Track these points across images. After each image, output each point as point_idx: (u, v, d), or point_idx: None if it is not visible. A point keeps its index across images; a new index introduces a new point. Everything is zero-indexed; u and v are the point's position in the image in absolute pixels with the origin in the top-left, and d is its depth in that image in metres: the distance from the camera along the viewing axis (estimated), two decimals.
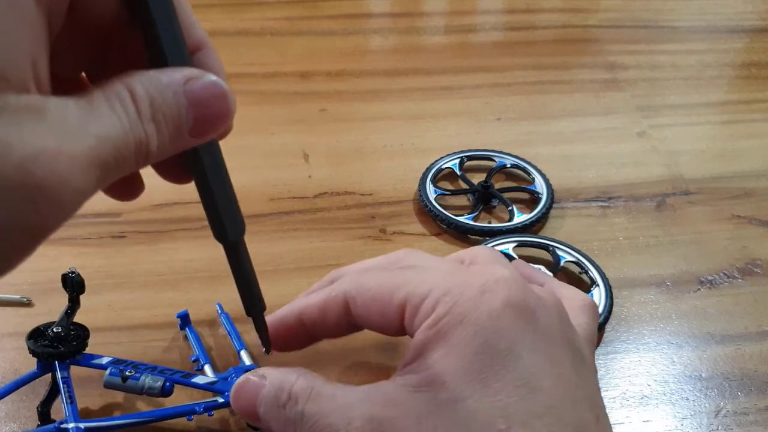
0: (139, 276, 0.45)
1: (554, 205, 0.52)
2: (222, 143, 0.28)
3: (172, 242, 0.48)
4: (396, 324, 0.29)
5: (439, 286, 0.28)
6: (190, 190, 0.47)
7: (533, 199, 0.52)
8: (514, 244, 0.48)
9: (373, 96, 0.63)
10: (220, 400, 0.36)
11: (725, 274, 0.47)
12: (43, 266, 0.47)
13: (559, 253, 0.47)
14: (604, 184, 0.54)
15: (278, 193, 0.53)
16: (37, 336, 0.37)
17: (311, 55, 0.68)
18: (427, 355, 0.27)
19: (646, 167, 0.56)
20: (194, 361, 0.40)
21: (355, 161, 0.56)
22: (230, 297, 0.42)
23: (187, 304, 0.43)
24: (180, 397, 0.37)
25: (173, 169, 0.27)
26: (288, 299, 0.44)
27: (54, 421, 0.36)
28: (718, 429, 0.38)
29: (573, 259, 0.47)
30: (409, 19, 0.76)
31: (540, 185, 0.53)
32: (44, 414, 0.36)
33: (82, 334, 0.38)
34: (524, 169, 0.54)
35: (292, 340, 0.32)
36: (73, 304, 0.38)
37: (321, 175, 0.54)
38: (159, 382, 0.35)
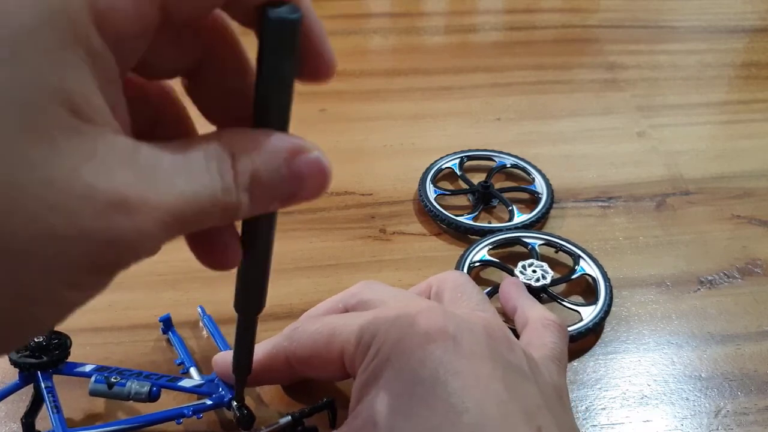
0: (139, 276, 0.45)
1: (554, 205, 0.52)
2: None
3: (172, 242, 0.48)
4: (340, 371, 0.31)
5: (369, 329, 0.30)
6: None
7: (533, 199, 0.52)
8: (540, 242, 0.48)
9: (373, 96, 0.63)
10: (209, 402, 0.36)
11: (725, 274, 0.47)
12: None
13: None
14: (604, 184, 0.54)
15: None
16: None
17: None
18: (364, 399, 0.28)
19: (646, 167, 0.56)
20: (179, 365, 0.39)
21: (355, 161, 0.56)
22: (231, 297, 0.42)
23: (187, 303, 0.43)
24: (167, 401, 0.37)
25: (215, 245, 0.25)
26: (288, 299, 0.44)
27: None
28: (718, 429, 0.38)
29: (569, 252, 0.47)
30: (409, 19, 0.76)
31: (540, 185, 0.53)
32: (29, 425, 0.35)
33: (64, 342, 0.37)
34: (524, 169, 0.54)
35: (276, 373, 0.35)
36: None
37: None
38: (146, 387, 0.35)
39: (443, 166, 0.54)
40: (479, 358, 0.28)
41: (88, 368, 0.36)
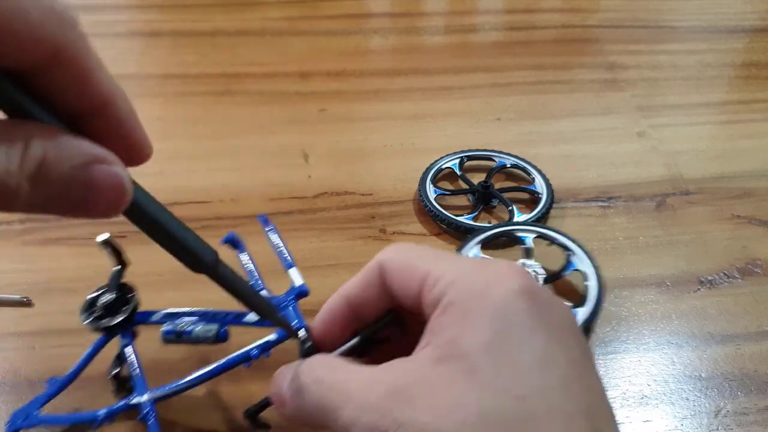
0: (139, 276, 0.45)
1: (554, 205, 0.52)
2: (222, 143, 0.28)
3: None
4: (415, 296, 0.30)
5: (456, 269, 0.29)
6: (188, 190, 0.47)
7: (533, 199, 0.52)
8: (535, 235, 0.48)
9: (373, 96, 0.63)
10: (273, 337, 0.35)
11: (725, 274, 0.47)
12: (43, 266, 0.47)
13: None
14: (604, 184, 0.54)
15: (278, 193, 0.53)
16: (89, 309, 0.38)
17: (311, 55, 0.68)
18: (445, 333, 0.28)
19: (646, 167, 0.56)
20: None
21: (355, 161, 0.56)
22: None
23: (187, 303, 0.43)
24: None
25: None
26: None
27: (127, 382, 0.37)
28: (718, 429, 0.38)
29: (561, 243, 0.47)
30: (409, 19, 0.76)
31: (540, 185, 0.53)
32: (119, 381, 0.37)
33: (130, 296, 0.38)
34: (524, 169, 0.54)
35: (339, 327, 0.33)
36: (121, 267, 0.38)
37: (321, 175, 0.54)
38: (212, 331, 0.35)
39: (443, 166, 0.54)
40: (566, 329, 0.28)
41: (158, 316, 0.37)
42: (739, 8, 0.78)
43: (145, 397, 0.35)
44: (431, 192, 0.52)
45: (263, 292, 0.38)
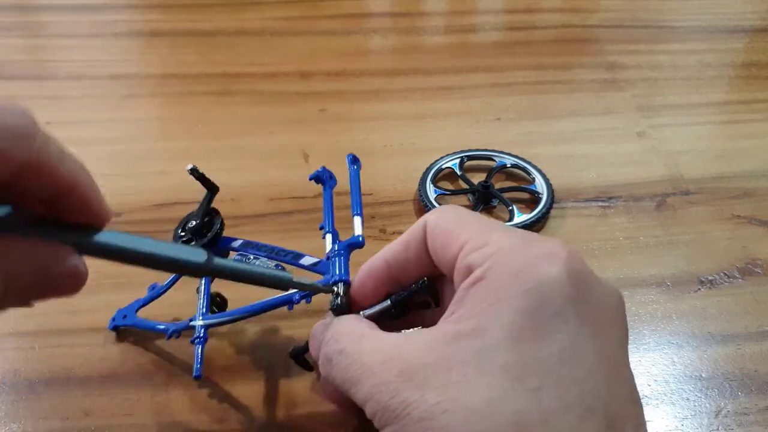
0: (139, 276, 0.45)
1: (554, 205, 0.52)
2: (222, 143, 0.28)
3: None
4: (452, 261, 0.29)
5: (500, 241, 0.28)
6: (188, 190, 0.47)
7: (533, 199, 0.52)
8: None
9: (373, 96, 0.63)
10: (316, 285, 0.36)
11: (725, 274, 0.47)
12: None
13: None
14: (604, 184, 0.54)
15: (278, 193, 0.53)
16: (178, 231, 0.40)
17: (311, 55, 0.68)
18: (471, 307, 0.27)
19: (646, 167, 0.56)
20: (320, 229, 0.40)
21: None
22: (231, 297, 0.42)
23: (187, 303, 0.43)
24: None
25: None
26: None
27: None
28: (718, 429, 0.38)
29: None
30: (409, 19, 0.76)
31: (540, 185, 0.53)
32: (213, 297, 0.41)
33: (215, 220, 0.40)
34: (524, 169, 0.54)
35: (375, 287, 0.33)
36: (211, 192, 0.40)
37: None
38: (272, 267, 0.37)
39: (443, 166, 0.54)
40: (604, 317, 0.27)
41: (236, 244, 0.40)
42: (740, 8, 0.78)
43: (200, 322, 0.38)
44: (431, 192, 0.52)
45: (328, 236, 0.39)
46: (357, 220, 0.39)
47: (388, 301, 0.33)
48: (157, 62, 0.68)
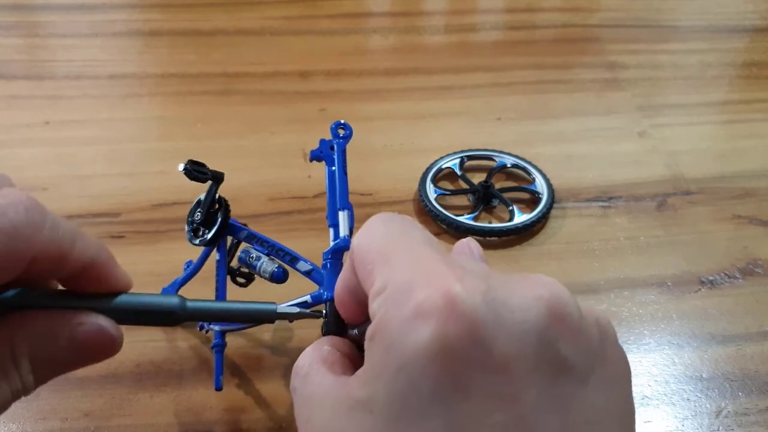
0: (138, 276, 0.45)
1: (555, 205, 0.51)
2: (222, 143, 0.28)
3: (171, 242, 0.48)
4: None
5: (395, 282, 0.23)
6: (188, 190, 0.47)
7: (534, 199, 0.52)
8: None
9: (373, 96, 0.63)
10: (308, 299, 0.36)
11: (726, 274, 0.47)
12: None
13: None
14: (605, 184, 0.54)
15: (278, 193, 0.52)
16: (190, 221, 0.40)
17: (311, 54, 0.68)
18: (369, 365, 0.23)
19: (647, 167, 0.56)
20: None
21: (355, 161, 0.56)
22: (231, 297, 0.42)
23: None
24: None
25: None
26: (288, 299, 0.44)
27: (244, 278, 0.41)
28: (719, 429, 0.38)
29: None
30: (409, 18, 0.76)
31: (540, 185, 0.53)
32: (234, 273, 0.40)
33: (222, 209, 0.39)
34: (524, 169, 0.54)
35: (348, 309, 0.29)
36: (214, 182, 0.39)
37: (320, 175, 0.54)
38: (271, 268, 0.37)
39: (443, 166, 0.54)
40: (510, 375, 0.22)
41: (242, 234, 0.39)
42: (740, 8, 0.78)
43: (216, 327, 0.38)
44: (431, 192, 0.52)
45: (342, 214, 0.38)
46: (342, 216, 0.36)
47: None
48: (156, 62, 0.68)
